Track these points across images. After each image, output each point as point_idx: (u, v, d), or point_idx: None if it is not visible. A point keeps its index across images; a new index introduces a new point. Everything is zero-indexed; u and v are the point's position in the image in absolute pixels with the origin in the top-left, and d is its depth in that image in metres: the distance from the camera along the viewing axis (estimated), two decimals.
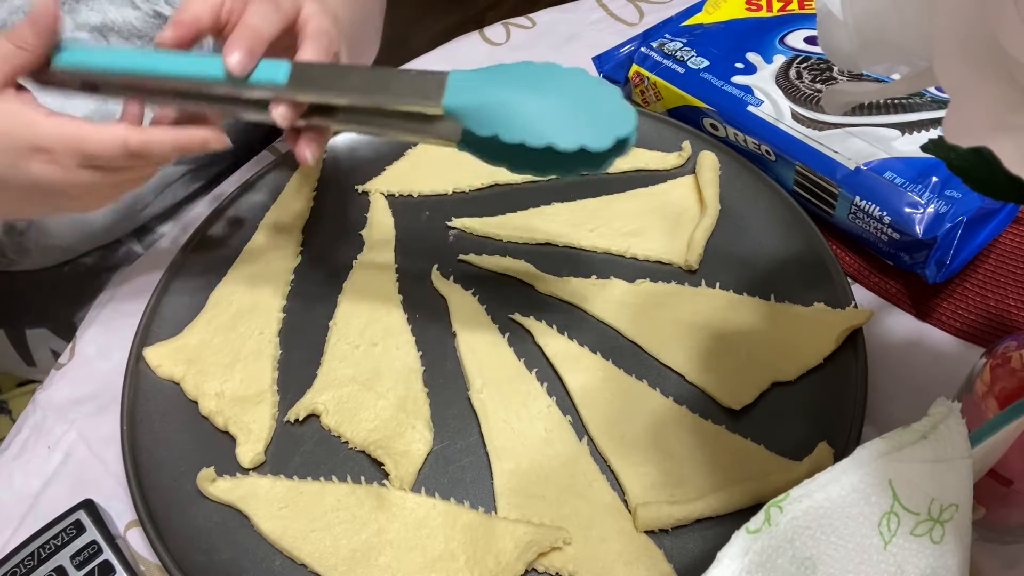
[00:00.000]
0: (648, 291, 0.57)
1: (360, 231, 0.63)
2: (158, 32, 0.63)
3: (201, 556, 0.47)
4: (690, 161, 0.65)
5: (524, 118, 0.38)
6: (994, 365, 0.41)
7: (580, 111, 0.38)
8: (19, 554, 0.46)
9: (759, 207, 0.61)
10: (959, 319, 0.55)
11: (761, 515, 0.33)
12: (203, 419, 0.53)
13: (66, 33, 0.61)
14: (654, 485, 0.48)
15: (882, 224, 0.55)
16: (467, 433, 0.52)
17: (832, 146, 0.58)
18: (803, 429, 0.49)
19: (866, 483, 0.33)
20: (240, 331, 0.57)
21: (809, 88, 0.62)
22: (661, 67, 0.67)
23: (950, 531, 0.33)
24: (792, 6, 0.70)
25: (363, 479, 0.50)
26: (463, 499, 0.49)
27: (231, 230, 0.64)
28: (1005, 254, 0.58)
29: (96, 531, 0.47)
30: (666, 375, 0.53)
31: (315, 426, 0.53)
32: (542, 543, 0.45)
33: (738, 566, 0.32)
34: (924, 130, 0.58)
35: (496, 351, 0.55)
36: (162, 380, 0.55)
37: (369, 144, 0.69)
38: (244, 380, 0.54)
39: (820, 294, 0.55)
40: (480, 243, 0.62)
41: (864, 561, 0.33)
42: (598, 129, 0.37)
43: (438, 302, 0.58)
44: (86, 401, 0.56)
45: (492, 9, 1.99)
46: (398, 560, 0.46)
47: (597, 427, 0.51)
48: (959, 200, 0.53)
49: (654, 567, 0.45)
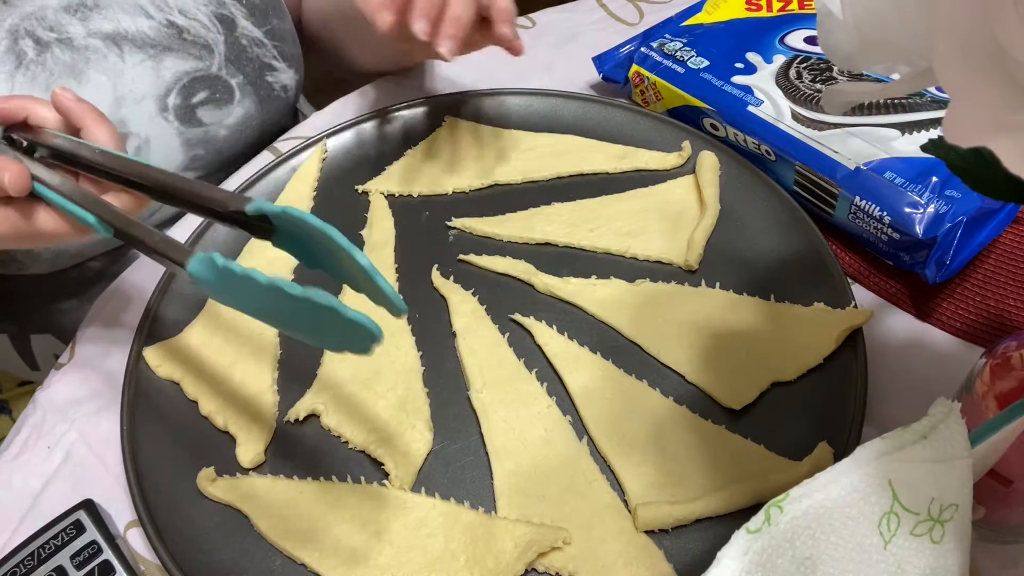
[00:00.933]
0: (648, 291, 0.57)
1: (360, 231, 0.63)
2: (171, 41, 0.64)
3: (201, 556, 0.47)
4: (690, 161, 0.65)
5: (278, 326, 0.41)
6: (994, 365, 0.41)
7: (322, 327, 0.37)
8: (19, 554, 0.46)
9: (759, 207, 0.61)
10: (959, 319, 0.55)
11: (761, 515, 0.33)
12: (203, 419, 0.53)
13: (78, 41, 0.61)
14: (654, 485, 0.48)
15: (882, 224, 0.55)
16: (467, 433, 0.52)
17: (832, 146, 0.58)
18: (803, 429, 0.49)
19: (866, 483, 0.33)
20: (240, 331, 0.57)
21: (809, 88, 0.62)
22: (661, 67, 0.67)
23: (950, 531, 0.33)
24: (792, 6, 0.70)
25: (363, 479, 0.50)
26: (463, 499, 0.49)
27: (232, 230, 0.63)
28: (1005, 254, 0.58)
29: (96, 531, 0.47)
30: (666, 375, 0.53)
31: (315, 426, 0.53)
32: (542, 543, 0.45)
33: (738, 566, 0.32)
34: (924, 130, 0.58)
35: (496, 351, 0.55)
36: (162, 380, 0.55)
37: (369, 144, 0.69)
38: (244, 380, 0.54)
39: (820, 294, 0.55)
40: (480, 243, 0.62)
41: (864, 561, 0.33)
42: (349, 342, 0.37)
43: (438, 302, 0.58)
44: (86, 401, 0.56)
45: None
46: (398, 560, 0.46)
47: (597, 427, 0.51)
48: (959, 200, 0.53)
49: (654, 567, 0.45)
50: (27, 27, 0.59)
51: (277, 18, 0.71)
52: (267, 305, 0.38)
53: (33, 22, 0.59)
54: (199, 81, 0.66)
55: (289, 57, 0.73)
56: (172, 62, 0.65)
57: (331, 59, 0.81)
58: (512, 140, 0.68)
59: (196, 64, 0.66)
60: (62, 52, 0.60)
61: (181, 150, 0.67)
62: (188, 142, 0.67)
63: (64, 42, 0.60)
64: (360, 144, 0.69)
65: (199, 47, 0.66)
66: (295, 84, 0.74)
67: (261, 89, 0.70)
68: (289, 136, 0.73)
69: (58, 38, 0.60)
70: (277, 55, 0.71)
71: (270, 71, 0.71)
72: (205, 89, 0.67)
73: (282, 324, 0.40)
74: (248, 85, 0.69)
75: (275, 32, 0.71)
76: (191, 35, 0.65)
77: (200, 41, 0.66)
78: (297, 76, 0.74)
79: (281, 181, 0.66)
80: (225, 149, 0.70)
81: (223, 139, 0.70)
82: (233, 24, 0.68)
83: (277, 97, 0.73)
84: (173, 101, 0.65)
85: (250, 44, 0.69)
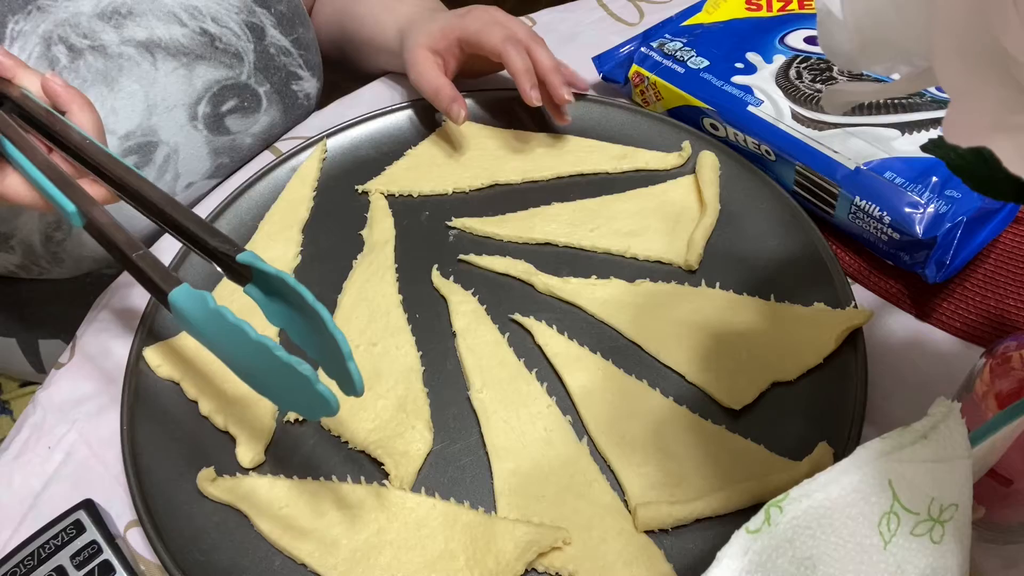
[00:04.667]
0: (648, 291, 0.57)
1: (360, 231, 0.63)
2: (204, 49, 0.64)
3: (201, 556, 0.47)
4: (690, 161, 0.65)
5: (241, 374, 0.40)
6: (994, 365, 0.41)
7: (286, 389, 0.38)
8: (19, 554, 0.46)
9: (759, 207, 0.61)
10: (959, 319, 0.55)
11: (761, 515, 0.33)
12: (203, 419, 0.53)
13: (111, 48, 0.61)
14: (654, 485, 0.48)
15: (882, 224, 0.55)
16: (467, 433, 0.52)
17: (832, 146, 0.58)
18: (803, 429, 0.49)
19: (866, 483, 0.33)
20: None
21: (809, 88, 0.62)
22: (661, 67, 0.67)
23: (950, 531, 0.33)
24: (792, 6, 0.70)
25: (363, 479, 0.50)
26: (463, 499, 0.49)
27: (232, 230, 0.64)
28: (1005, 254, 0.58)
29: (96, 531, 0.47)
30: (666, 375, 0.53)
31: (315, 426, 0.53)
32: (542, 543, 0.45)
33: (738, 566, 0.32)
34: (924, 130, 0.58)
35: (496, 351, 0.55)
36: (162, 380, 0.55)
37: (369, 144, 0.69)
38: None
39: (820, 294, 0.55)
40: (480, 243, 0.62)
41: (864, 561, 0.33)
42: (304, 407, 0.39)
43: (438, 302, 0.58)
44: (86, 401, 0.56)
45: None
46: (398, 560, 0.46)
47: (597, 427, 0.51)
48: (959, 200, 0.53)
49: (654, 567, 0.45)
50: (60, 33, 0.59)
51: (303, 27, 0.72)
52: (242, 357, 0.39)
53: (67, 28, 0.59)
54: (229, 90, 0.66)
55: (313, 66, 0.73)
56: (204, 70, 0.65)
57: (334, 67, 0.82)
58: (512, 140, 0.68)
59: (227, 72, 0.66)
60: (95, 59, 0.60)
61: (208, 158, 0.67)
62: (215, 151, 0.67)
63: (97, 49, 0.60)
64: (360, 144, 0.69)
65: (230, 55, 0.66)
66: (316, 93, 0.75)
67: (287, 98, 0.71)
68: (289, 136, 0.73)
69: (91, 45, 0.60)
70: (302, 64, 0.71)
71: (295, 80, 0.71)
72: (234, 98, 0.67)
73: (245, 374, 0.40)
74: (275, 93, 0.69)
75: (301, 41, 0.71)
76: (223, 43, 0.66)
77: (231, 49, 0.66)
78: (319, 85, 0.75)
79: (281, 181, 0.66)
80: (249, 157, 0.71)
81: (248, 147, 0.70)
82: (263, 33, 0.68)
83: (300, 105, 0.73)
84: (203, 110, 0.65)
85: (278, 53, 0.69)
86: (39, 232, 0.62)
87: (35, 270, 0.67)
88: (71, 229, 0.64)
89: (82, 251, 0.65)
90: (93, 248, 0.65)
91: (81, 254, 0.65)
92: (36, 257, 0.65)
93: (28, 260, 0.65)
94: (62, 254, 0.65)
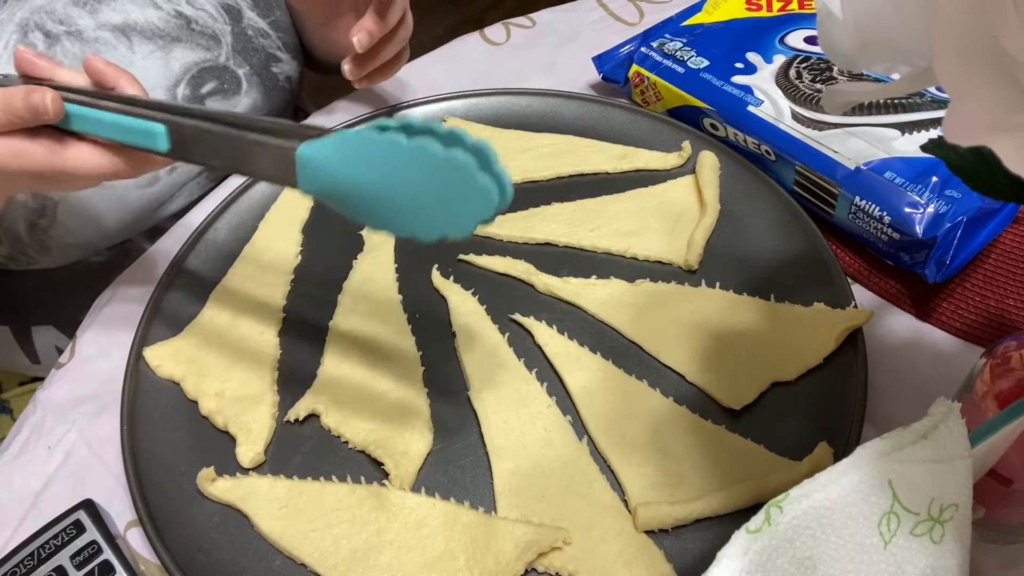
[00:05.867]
0: (648, 291, 0.57)
1: (360, 231, 0.63)
2: (179, 32, 0.64)
3: (201, 556, 0.47)
4: (690, 161, 0.65)
5: (382, 212, 0.37)
6: (994, 365, 0.41)
7: (441, 200, 0.35)
8: (19, 554, 0.46)
9: (759, 207, 0.61)
10: (959, 319, 0.55)
11: (761, 515, 0.33)
12: (203, 419, 0.53)
13: (87, 33, 0.61)
14: (654, 485, 0.48)
15: (882, 224, 0.55)
16: (467, 433, 0.52)
17: (832, 146, 0.58)
18: (803, 429, 0.49)
19: (866, 483, 0.33)
20: (240, 331, 0.57)
21: (809, 88, 0.62)
22: (661, 67, 0.67)
23: (950, 531, 0.33)
24: (792, 6, 0.70)
25: (363, 479, 0.50)
26: (463, 499, 0.49)
27: (231, 230, 0.64)
28: (1005, 254, 0.58)
29: (96, 531, 0.47)
30: (666, 375, 0.53)
31: (315, 426, 0.53)
32: (542, 543, 0.45)
33: (738, 566, 0.32)
34: (924, 130, 0.58)
35: (496, 351, 0.55)
36: (162, 380, 0.55)
37: None
38: (244, 380, 0.54)
39: (820, 294, 0.55)
40: (480, 243, 0.62)
41: (864, 561, 0.33)
42: (460, 217, 0.35)
43: (438, 302, 0.58)
44: (86, 401, 0.56)
45: (493, 9, 1.99)
46: (398, 560, 0.46)
47: (597, 427, 0.51)
48: (959, 200, 0.53)
49: (654, 567, 0.45)
50: (36, 20, 0.59)
51: (279, 10, 0.72)
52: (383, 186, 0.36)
53: (42, 15, 0.60)
54: (207, 72, 0.67)
55: (292, 48, 0.74)
56: (181, 53, 0.65)
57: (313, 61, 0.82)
58: (512, 140, 0.68)
59: (204, 55, 0.66)
60: (72, 44, 0.60)
61: None
62: None
63: (73, 34, 0.61)
64: None
65: (207, 37, 0.67)
66: (297, 75, 0.75)
67: (267, 80, 0.71)
68: None
69: (67, 31, 0.60)
70: (281, 46, 0.72)
71: (275, 62, 0.71)
72: (213, 80, 0.67)
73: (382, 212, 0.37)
74: (255, 76, 0.70)
75: (279, 24, 0.72)
76: (199, 25, 0.66)
77: (208, 32, 0.67)
78: (299, 67, 0.75)
79: None
80: None
81: None
82: (239, 15, 0.69)
83: (281, 88, 0.74)
84: (182, 92, 0.66)
85: (256, 35, 0.69)
86: (24, 220, 0.63)
87: (23, 260, 0.67)
88: (55, 215, 0.64)
89: (69, 239, 0.65)
90: (81, 235, 0.66)
91: (68, 242, 0.65)
92: (24, 247, 0.65)
93: (16, 250, 0.65)
94: (48, 242, 0.65)
